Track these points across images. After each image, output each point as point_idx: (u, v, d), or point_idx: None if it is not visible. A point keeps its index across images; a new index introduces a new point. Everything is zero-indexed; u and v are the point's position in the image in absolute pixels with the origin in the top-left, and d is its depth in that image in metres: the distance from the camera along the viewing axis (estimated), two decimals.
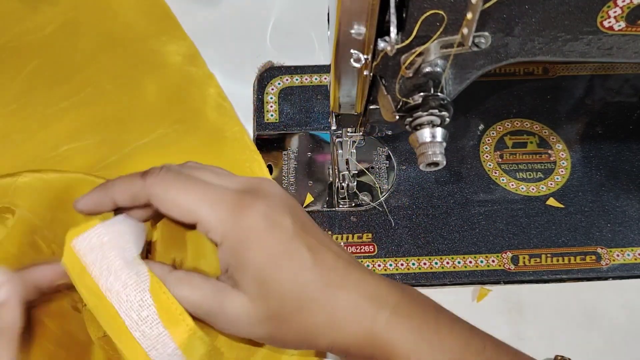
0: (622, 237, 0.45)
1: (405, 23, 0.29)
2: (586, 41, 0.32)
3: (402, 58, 0.31)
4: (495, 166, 0.48)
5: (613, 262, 0.44)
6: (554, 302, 0.43)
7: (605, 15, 0.30)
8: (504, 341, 0.32)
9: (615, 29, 0.31)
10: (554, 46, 0.32)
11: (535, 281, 0.43)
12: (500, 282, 0.43)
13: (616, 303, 0.42)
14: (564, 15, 0.30)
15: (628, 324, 0.42)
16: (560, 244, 0.45)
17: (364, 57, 0.29)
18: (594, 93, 0.52)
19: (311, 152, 0.49)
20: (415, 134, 0.35)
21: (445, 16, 0.29)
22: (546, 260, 0.44)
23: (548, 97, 0.52)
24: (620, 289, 0.43)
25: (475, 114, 0.50)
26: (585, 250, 0.44)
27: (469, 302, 0.43)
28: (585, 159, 0.48)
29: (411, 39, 0.29)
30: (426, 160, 0.34)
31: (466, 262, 0.44)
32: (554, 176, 0.48)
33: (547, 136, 0.49)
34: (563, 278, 0.43)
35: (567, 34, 0.31)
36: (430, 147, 0.34)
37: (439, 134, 0.34)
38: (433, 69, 0.32)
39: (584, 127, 0.50)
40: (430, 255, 0.44)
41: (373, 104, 0.37)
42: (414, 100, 0.33)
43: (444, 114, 0.33)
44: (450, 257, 0.44)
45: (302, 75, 0.53)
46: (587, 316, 0.42)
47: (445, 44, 0.30)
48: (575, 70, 0.53)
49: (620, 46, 0.33)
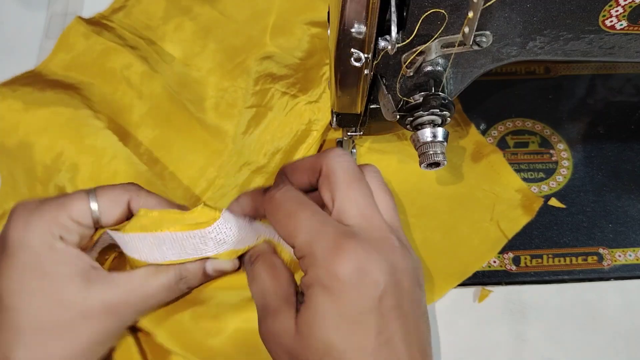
0: (624, 237, 0.45)
1: (406, 22, 0.29)
2: (588, 40, 0.32)
3: (403, 57, 0.31)
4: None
5: (615, 263, 0.44)
6: (555, 303, 0.42)
7: (607, 14, 0.30)
8: (505, 342, 0.31)
9: (617, 28, 0.31)
10: (556, 45, 0.32)
11: (536, 282, 0.43)
12: (501, 282, 0.43)
13: (618, 304, 0.42)
14: (566, 14, 0.30)
15: (630, 325, 0.41)
16: (562, 245, 0.44)
17: (364, 56, 0.29)
18: (595, 92, 0.52)
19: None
20: (416, 133, 0.35)
21: (446, 15, 0.29)
22: (548, 261, 0.44)
23: (550, 96, 0.51)
24: (622, 290, 0.43)
25: (477, 114, 0.50)
26: (587, 251, 0.44)
27: (470, 303, 0.42)
28: (587, 158, 0.48)
29: (412, 37, 0.29)
30: (427, 160, 0.34)
31: None
32: (555, 176, 0.47)
33: (548, 136, 0.49)
34: (565, 279, 0.43)
35: (568, 33, 0.31)
36: (431, 147, 0.34)
37: (440, 134, 0.34)
38: (434, 68, 0.32)
39: (586, 126, 0.50)
40: None
41: (373, 103, 0.36)
42: (414, 99, 0.33)
43: (445, 113, 0.33)
44: None
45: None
46: (588, 317, 0.42)
47: (446, 43, 0.30)
48: (577, 69, 0.53)
49: (622, 45, 0.32)
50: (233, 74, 0.48)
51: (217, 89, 0.48)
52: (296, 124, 0.46)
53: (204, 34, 0.50)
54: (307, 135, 0.45)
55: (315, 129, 0.46)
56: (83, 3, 0.56)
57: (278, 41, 0.50)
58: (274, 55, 0.49)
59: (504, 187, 0.46)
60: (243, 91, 0.47)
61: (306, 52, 0.50)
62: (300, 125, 0.46)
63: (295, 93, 0.47)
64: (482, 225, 0.44)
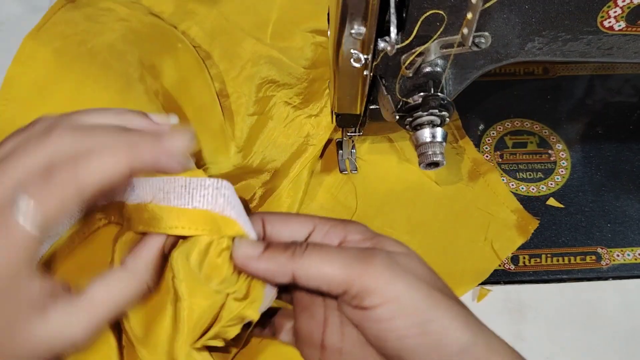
0: (622, 237, 0.45)
1: (405, 23, 0.29)
2: (586, 41, 0.32)
3: (402, 58, 0.31)
4: (496, 166, 0.48)
5: (613, 262, 0.44)
6: (554, 302, 0.43)
7: (605, 15, 0.30)
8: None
9: (615, 29, 0.31)
10: (554, 46, 0.32)
11: (535, 281, 0.43)
12: (500, 282, 0.43)
13: (616, 303, 0.42)
14: (564, 15, 0.30)
15: (628, 324, 0.42)
16: (561, 244, 0.44)
17: (364, 57, 0.29)
18: (594, 93, 0.52)
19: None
20: (415, 134, 0.35)
21: (445, 16, 0.29)
22: (546, 260, 0.44)
23: (548, 97, 0.51)
24: (620, 289, 0.43)
25: (476, 114, 0.50)
26: (586, 250, 0.44)
27: (469, 302, 0.42)
28: (586, 159, 0.48)
29: (411, 38, 0.29)
30: (426, 160, 0.34)
31: None
32: (554, 176, 0.47)
33: (547, 136, 0.49)
34: (563, 278, 0.43)
35: (567, 34, 0.31)
36: (430, 147, 0.34)
37: (438, 134, 0.34)
38: (433, 69, 0.32)
39: (584, 127, 0.50)
40: None
41: (373, 104, 0.37)
42: (414, 100, 0.33)
43: (444, 114, 0.33)
44: None
45: None
46: (587, 316, 0.42)
47: (446, 43, 0.30)
48: (576, 70, 0.53)
49: (620, 46, 0.33)
50: (237, 80, 0.48)
51: (222, 95, 0.48)
52: (294, 136, 0.45)
53: (210, 40, 0.50)
54: (304, 150, 0.45)
55: (313, 144, 0.45)
56: None
57: (280, 46, 0.49)
58: (276, 61, 0.49)
59: (500, 206, 0.46)
60: (246, 98, 0.46)
61: (310, 60, 0.49)
62: (298, 138, 0.45)
63: (297, 104, 0.46)
64: (476, 245, 0.44)
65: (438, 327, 0.27)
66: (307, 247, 0.28)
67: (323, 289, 0.28)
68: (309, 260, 0.28)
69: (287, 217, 0.31)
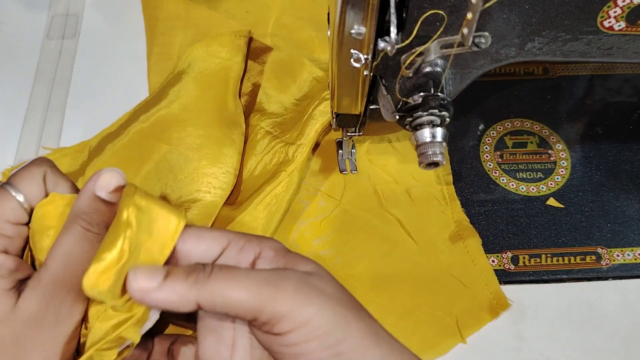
0: (622, 237, 0.45)
1: (405, 23, 0.29)
2: (586, 41, 0.32)
3: (402, 58, 0.31)
4: (496, 166, 0.48)
5: (613, 262, 0.44)
6: (554, 302, 0.43)
7: (605, 15, 0.30)
8: (504, 341, 0.32)
9: (615, 29, 0.31)
10: (554, 46, 0.32)
11: (535, 281, 0.43)
12: (500, 282, 0.43)
13: (616, 303, 0.42)
14: (564, 15, 0.30)
15: (628, 324, 0.42)
16: (560, 244, 0.45)
17: (364, 57, 0.29)
18: (594, 93, 0.52)
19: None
20: (415, 133, 0.35)
21: (445, 16, 0.29)
22: (546, 260, 0.44)
23: (548, 97, 0.52)
24: (620, 289, 0.43)
25: (475, 114, 0.50)
26: (585, 250, 0.44)
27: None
28: (585, 159, 0.48)
29: (411, 38, 0.29)
30: (426, 160, 0.34)
31: None
32: (554, 176, 0.48)
33: (547, 136, 0.49)
34: (563, 278, 0.43)
35: (567, 34, 0.31)
36: (430, 147, 0.34)
37: (438, 134, 0.34)
38: (433, 69, 0.32)
39: (584, 127, 0.50)
40: None
41: (373, 104, 0.37)
42: (414, 100, 0.33)
43: (444, 114, 0.33)
44: None
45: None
46: (587, 316, 0.42)
47: (445, 43, 0.30)
48: (576, 70, 0.53)
49: (620, 46, 0.33)
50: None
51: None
52: (269, 164, 0.46)
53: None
54: (274, 176, 0.44)
55: (284, 170, 0.44)
56: (84, 4, 0.56)
57: (284, 81, 0.50)
58: (272, 94, 0.49)
59: (475, 278, 0.43)
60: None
61: (304, 95, 0.49)
62: (271, 165, 0.45)
63: (277, 134, 0.47)
64: (441, 319, 0.41)
65: (349, 347, 0.26)
66: (212, 271, 0.27)
67: (231, 315, 0.27)
68: (214, 286, 0.26)
69: (200, 232, 0.30)
